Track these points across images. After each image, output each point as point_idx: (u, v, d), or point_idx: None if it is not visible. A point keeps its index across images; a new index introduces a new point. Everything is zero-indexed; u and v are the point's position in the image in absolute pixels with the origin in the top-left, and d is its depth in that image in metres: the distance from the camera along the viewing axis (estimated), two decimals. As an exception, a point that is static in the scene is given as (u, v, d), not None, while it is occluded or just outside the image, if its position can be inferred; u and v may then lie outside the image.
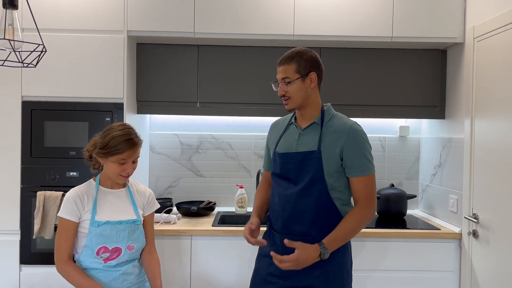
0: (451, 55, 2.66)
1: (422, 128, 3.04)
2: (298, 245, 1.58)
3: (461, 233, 2.40)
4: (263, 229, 1.91)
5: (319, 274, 1.65)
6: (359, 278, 2.39)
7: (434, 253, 2.41)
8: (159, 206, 1.98)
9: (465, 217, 2.34)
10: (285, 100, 1.75)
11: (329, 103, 1.83)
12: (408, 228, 2.49)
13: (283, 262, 1.56)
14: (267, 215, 1.89)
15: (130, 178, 1.87)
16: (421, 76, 2.72)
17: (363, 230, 2.40)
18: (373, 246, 2.41)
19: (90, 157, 1.80)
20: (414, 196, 2.83)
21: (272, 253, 1.60)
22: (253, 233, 1.76)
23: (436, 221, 2.70)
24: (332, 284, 1.66)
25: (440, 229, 2.47)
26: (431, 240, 2.41)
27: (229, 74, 2.70)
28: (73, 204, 1.71)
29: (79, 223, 1.73)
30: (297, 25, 2.51)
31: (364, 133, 1.72)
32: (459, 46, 2.55)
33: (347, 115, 1.82)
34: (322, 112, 1.76)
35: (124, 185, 1.85)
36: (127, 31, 2.47)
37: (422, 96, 2.73)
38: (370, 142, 1.72)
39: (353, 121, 1.75)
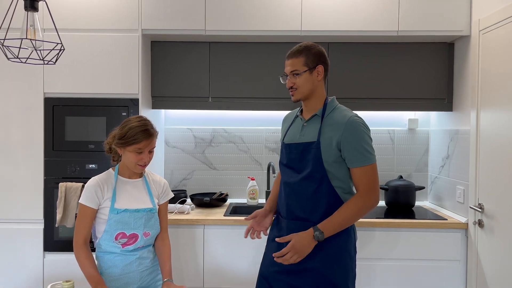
0: (458, 48, 2.69)
1: (431, 121, 3.07)
2: (290, 236, 1.70)
3: (467, 223, 2.44)
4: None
5: (320, 258, 1.72)
6: (368, 266, 2.46)
7: (441, 243, 2.46)
8: (173, 195, 2.09)
9: (470, 207, 2.38)
10: (291, 92, 1.82)
11: (334, 96, 1.88)
12: (416, 219, 2.54)
13: (283, 253, 1.67)
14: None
15: (146, 169, 1.97)
16: (429, 69, 2.75)
17: (372, 220, 2.47)
18: (382, 235, 2.47)
19: (110, 149, 1.91)
20: (423, 188, 2.87)
21: (274, 254, 1.70)
22: (256, 217, 1.96)
23: (444, 212, 2.74)
24: (334, 268, 1.72)
25: (447, 219, 2.51)
26: (438, 230, 2.46)
27: (240, 69, 2.78)
28: (93, 192, 1.83)
29: (98, 210, 1.85)
30: (304, 21, 2.57)
31: (363, 124, 1.74)
32: (465, 39, 2.58)
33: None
34: (325, 104, 1.81)
35: (141, 175, 1.96)
36: (142, 29, 2.58)
37: (430, 89, 2.76)
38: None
39: (353, 113, 1.78)
